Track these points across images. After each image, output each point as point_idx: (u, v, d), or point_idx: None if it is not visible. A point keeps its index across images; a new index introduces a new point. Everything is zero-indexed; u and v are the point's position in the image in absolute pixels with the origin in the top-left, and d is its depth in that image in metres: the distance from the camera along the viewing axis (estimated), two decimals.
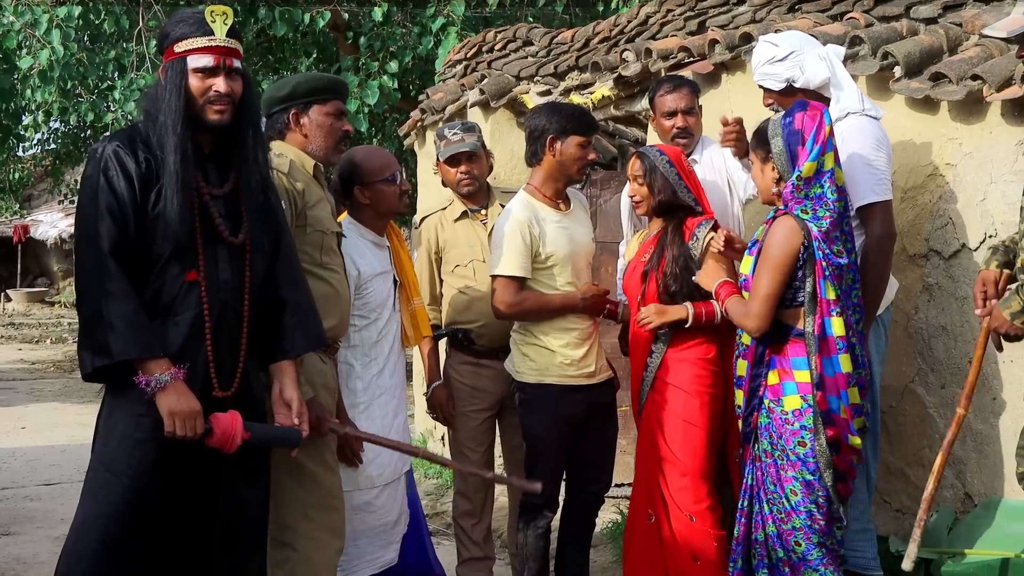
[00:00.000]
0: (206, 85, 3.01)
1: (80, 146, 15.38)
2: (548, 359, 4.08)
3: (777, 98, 3.86)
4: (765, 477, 3.47)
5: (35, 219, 23.47)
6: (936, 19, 4.26)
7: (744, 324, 3.49)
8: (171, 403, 2.90)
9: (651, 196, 3.94)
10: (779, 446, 3.42)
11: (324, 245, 3.54)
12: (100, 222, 2.89)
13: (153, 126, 2.99)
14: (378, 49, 9.36)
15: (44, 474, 7.18)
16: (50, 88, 8.52)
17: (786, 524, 3.42)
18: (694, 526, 3.85)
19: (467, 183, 4.50)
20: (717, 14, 5.31)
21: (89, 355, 2.92)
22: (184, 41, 3.00)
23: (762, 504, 3.49)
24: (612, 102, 5.63)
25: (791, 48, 3.82)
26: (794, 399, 3.40)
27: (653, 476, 3.96)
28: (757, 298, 3.42)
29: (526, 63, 6.40)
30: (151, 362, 2.90)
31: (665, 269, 3.90)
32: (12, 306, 21.79)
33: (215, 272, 3.02)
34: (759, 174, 3.55)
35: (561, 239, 4.08)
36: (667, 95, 4.29)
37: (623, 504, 5.36)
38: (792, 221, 3.37)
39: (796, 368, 3.41)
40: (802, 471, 3.38)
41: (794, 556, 3.41)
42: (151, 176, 2.95)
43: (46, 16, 8.13)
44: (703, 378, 3.92)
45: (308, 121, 3.62)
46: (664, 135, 4.33)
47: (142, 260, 2.94)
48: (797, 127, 3.40)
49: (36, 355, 15.06)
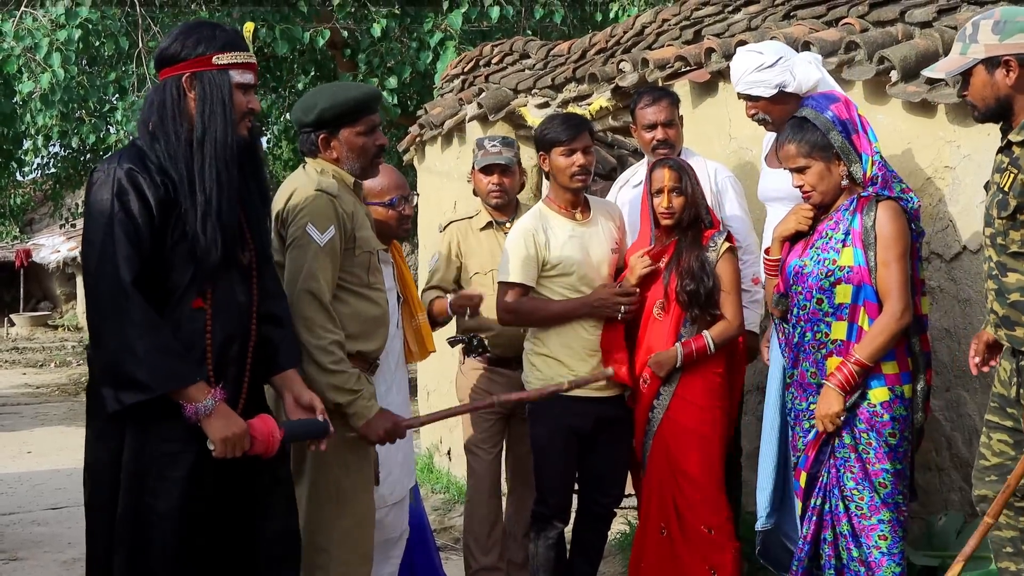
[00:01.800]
0: (246, 101, 2.89)
1: (80, 169, 15.40)
2: (555, 370, 4.08)
3: (765, 106, 3.87)
4: (844, 474, 3.43)
5: (37, 243, 23.51)
6: (931, 23, 4.26)
7: (901, 322, 3.36)
8: (221, 429, 2.78)
9: (690, 208, 3.97)
10: (864, 440, 3.39)
11: (371, 265, 3.46)
12: (118, 251, 2.71)
13: (166, 143, 2.81)
14: (377, 65, 9.39)
15: (50, 498, 7.24)
16: (52, 112, 8.54)
17: (869, 520, 3.39)
18: (711, 538, 3.87)
19: (497, 195, 4.63)
20: (712, 23, 5.33)
21: (113, 392, 2.73)
22: (228, 53, 2.85)
23: (836, 502, 3.45)
24: (610, 113, 5.64)
25: (778, 54, 3.85)
26: (881, 391, 3.38)
27: (667, 490, 3.96)
28: (898, 289, 3.35)
29: (523, 76, 6.41)
30: (191, 389, 2.76)
31: (682, 269, 3.93)
32: (16, 330, 21.81)
33: (233, 295, 2.92)
34: (822, 176, 3.47)
35: (571, 248, 4.09)
36: (647, 108, 4.32)
37: (632, 515, 5.35)
38: (896, 205, 3.37)
39: (884, 359, 3.38)
40: (894, 462, 3.37)
41: (875, 552, 3.38)
42: (170, 200, 2.77)
43: (46, 40, 8.17)
44: (714, 392, 3.96)
45: (339, 144, 3.45)
46: (645, 147, 4.38)
47: (159, 289, 2.78)
48: (843, 117, 3.41)
49: (40, 379, 15.06)
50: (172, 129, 2.82)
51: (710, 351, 3.92)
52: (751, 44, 4.12)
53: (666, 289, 3.98)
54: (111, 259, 2.72)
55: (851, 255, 3.41)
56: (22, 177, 16.77)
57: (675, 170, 3.98)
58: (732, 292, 3.98)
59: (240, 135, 2.90)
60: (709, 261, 3.95)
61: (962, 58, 3.14)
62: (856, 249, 3.40)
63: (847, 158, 3.43)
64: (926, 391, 3.54)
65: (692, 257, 3.94)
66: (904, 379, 3.42)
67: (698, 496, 3.90)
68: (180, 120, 2.83)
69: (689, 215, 3.98)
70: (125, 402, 2.72)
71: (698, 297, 3.92)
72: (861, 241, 3.39)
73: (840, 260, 3.42)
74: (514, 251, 4.10)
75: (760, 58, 3.84)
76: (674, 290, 3.95)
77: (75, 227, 19.92)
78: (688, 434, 3.93)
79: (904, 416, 3.41)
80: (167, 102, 2.84)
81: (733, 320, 3.98)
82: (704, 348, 3.92)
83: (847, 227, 3.43)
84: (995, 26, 3.06)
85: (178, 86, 2.85)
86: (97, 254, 2.75)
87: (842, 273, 3.41)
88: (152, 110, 2.87)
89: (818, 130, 3.45)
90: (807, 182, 3.49)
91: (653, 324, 4.03)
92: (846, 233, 3.43)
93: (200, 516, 2.86)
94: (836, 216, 3.48)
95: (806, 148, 3.47)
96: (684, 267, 3.94)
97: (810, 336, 3.50)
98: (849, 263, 3.41)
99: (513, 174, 4.69)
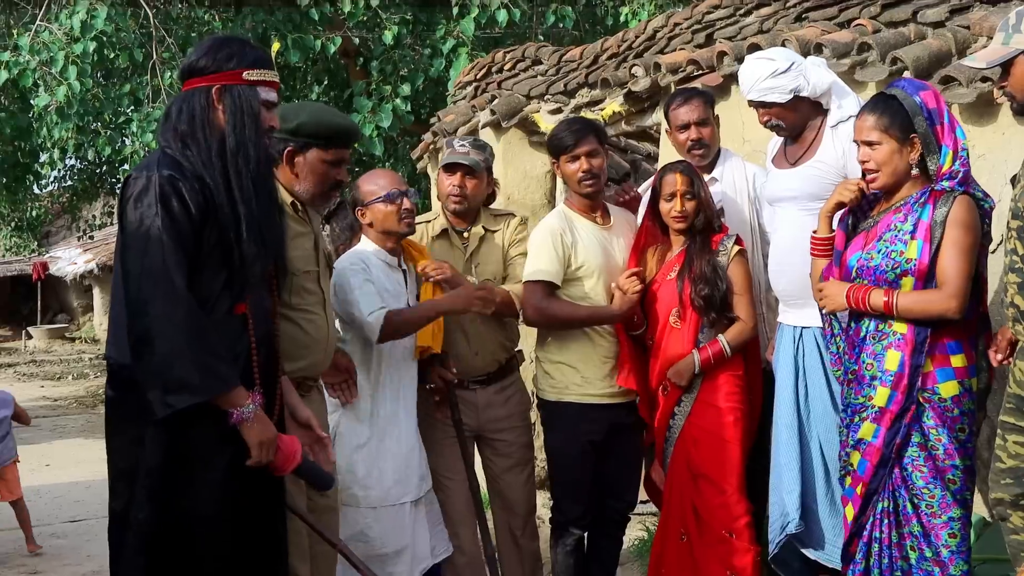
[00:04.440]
0: (269, 118, 2.94)
1: (96, 182, 15.49)
2: (568, 377, 4.09)
3: (780, 112, 3.85)
4: (913, 472, 3.36)
5: (54, 256, 23.61)
6: (943, 22, 4.26)
7: (946, 306, 3.26)
8: (258, 433, 2.82)
9: (703, 211, 3.96)
10: (934, 436, 3.32)
11: (293, 286, 3.38)
12: (169, 257, 2.71)
13: (198, 150, 2.83)
14: (389, 72, 9.41)
15: (70, 511, 7.24)
16: (68, 124, 8.59)
17: (939, 518, 3.33)
18: (732, 542, 3.86)
19: (456, 199, 4.22)
20: (724, 26, 5.33)
21: (161, 396, 2.72)
22: (257, 71, 2.90)
23: (904, 503, 3.38)
24: (623, 117, 5.64)
25: (790, 60, 3.85)
26: (951, 386, 3.31)
27: (686, 495, 3.96)
28: (959, 277, 3.25)
29: (536, 82, 6.43)
30: (235, 394, 2.79)
31: (695, 275, 3.93)
32: (33, 343, 21.91)
33: (261, 302, 2.96)
34: (891, 156, 3.34)
35: (595, 250, 4.10)
36: (679, 108, 4.27)
37: (649, 521, 5.34)
38: (972, 201, 3.30)
39: (952, 353, 3.33)
40: (963, 458, 3.31)
41: (945, 551, 3.32)
42: (208, 208, 2.79)
43: (62, 53, 8.22)
44: (735, 395, 3.96)
45: (302, 161, 3.45)
46: (680, 148, 4.32)
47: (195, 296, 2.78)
48: (931, 106, 3.30)
49: (59, 392, 15.11)
50: (202, 138, 2.84)
51: (727, 355, 3.92)
52: (759, 52, 4.12)
53: (680, 296, 3.98)
54: (161, 265, 2.71)
55: (916, 248, 3.32)
56: (39, 190, 16.87)
57: (687, 174, 3.97)
58: (744, 293, 3.98)
59: (264, 149, 2.94)
60: (720, 265, 3.95)
61: (1004, 48, 3.08)
62: (920, 241, 3.31)
63: (927, 147, 3.32)
64: (985, 389, 3.48)
65: (704, 262, 3.93)
66: (971, 372, 3.35)
67: (718, 500, 3.89)
68: (209, 130, 2.86)
69: (700, 220, 3.97)
70: (175, 406, 2.72)
71: (713, 301, 3.91)
72: (928, 234, 3.30)
73: (907, 252, 3.33)
74: (542, 249, 4.08)
75: (773, 64, 3.83)
76: (688, 297, 3.95)
77: (92, 239, 20.03)
78: (708, 437, 3.93)
79: (972, 411, 3.34)
80: (196, 111, 2.87)
81: (748, 321, 3.98)
82: (720, 352, 3.92)
83: (916, 219, 3.33)
84: None
85: (207, 97, 2.88)
86: (143, 260, 2.74)
87: (909, 265, 3.32)
88: (181, 118, 2.88)
89: (903, 109, 3.33)
90: (874, 159, 3.36)
91: (671, 333, 4.02)
92: (915, 225, 3.33)
93: (230, 521, 2.88)
94: (905, 208, 3.37)
95: (884, 122, 3.33)
96: (697, 273, 3.93)
97: (873, 327, 3.41)
98: (914, 256, 3.32)
99: (479, 179, 4.25)
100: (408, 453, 3.98)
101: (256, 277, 2.89)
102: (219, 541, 2.86)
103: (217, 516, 2.85)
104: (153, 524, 2.82)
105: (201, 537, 2.84)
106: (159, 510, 2.82)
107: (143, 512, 2.83)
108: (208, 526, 2.84)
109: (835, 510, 3.77)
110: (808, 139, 3.90)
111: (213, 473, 2.84)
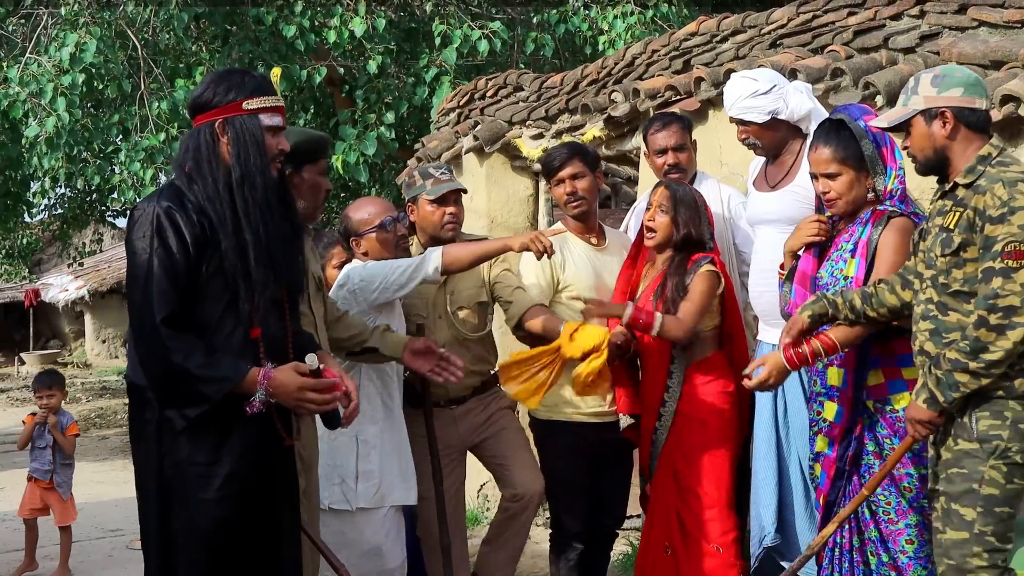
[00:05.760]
0: (276, 143, 3.00)
1: (86, 210, 15.55)
2: (558, 397, 4.16)
3: (757, 131, 3.95)
4: (869, 481, 3.42)
5: (45, 283, 23.61)
6: (914, 48, 4.36)
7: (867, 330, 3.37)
8: (287, 392, 2.91)
9: (673, 228, 3.97)
10: (888, 446, 3.40)
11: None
12: (155, 286, 2.84)
13: (204, 185, 2.93)
14: (374, 101, 9.53)
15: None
16: (57, 154, 8.66)
17: (896, 524, 3.42)
18: (718, 557, 3.88)
19: (451, 227, 4.20)
20: (701, 52, 5.42)
21: (177, 411, 2.88)
22: (257, 99, 2.97)
23: (863, 509, 3.46)
24: (603, 142, 5.73)
25: (772, 82, 3.93)
26: (905, 397, 3.38)
27: (671, 508, 3.99)
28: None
29: (518, 108, 6.51)
30: (242, 384, 2.88)
31: (667, 297, 3.95)
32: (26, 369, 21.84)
33: (268, 328, 3.02)
34: (851, 186, 3.46)
35: (586, 270, 4.19)
36: (657, 133, 4.36)
37: (633, 536, 5.39)
38: (907, 222, 3.40)
39: (903, 365, 3.40)
40: (918, 467, 3.38)
41: (903, 557, 3.41)
42: (206, 239, 2.89)
43: (51, 85, 8.30)
44: (723, 411, 3.98)
45: (301, 182, 3.52)
46: (657, 172, 4.40)
47: (194, 321, 2.90)
48: (874, 129, 3.41)
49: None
50: (208, 172, 2.94)
51: (654, 328, 3.83)
52: (746, 71, 4.20)
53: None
54: (148, 294, 2.85)
55: (854, 266, 3.45)
56: (30, 218, 16.91)
57: (668, 190, 4.01)
58: (692, 301, 3.90)
59: (271, 175, 3.01)
60: (687, 285, 3.93)
61: (903, 109, 3.19)
62: (858, 259, 3.44)
63: (874, 168, 3.46)
64: None
65: (673, 284, 3.94)
66: None
67: (706, 514, 3.92)
68: (215, 163, 2.96)
69: (676, 239, 3.99)
70: (191, 417, 2.87)
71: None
72: (864, 251, 3.43)
73: (847, 270, 3.47)
74: (528, 268, 4.19)
75: (755, 84, 3.92)
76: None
77: (82, 266, 20.05)
78: (695, 451, 3.95)
79: None
80: (201, 147, 2.97)
81: (684, 318, 3.87)
82: (651, 322, 3.83)
83: (857, 238, 3.48)
84: (934, 79, 3.13)
85: (211, 131, 2.97)
86: (139, 289, 2.88)
87: (847, 282, 3.46)
88: (188, 154, 2.99)
89: (852, 137, 3.46)
90: (835, 189, 3.48)
91: (649, 351, 4.09)
92: (855, 244, 3.48)
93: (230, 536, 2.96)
94: (852, 228, 3.51)
95: (840, 154, 3.46)
96: (668, 295, 3.95)
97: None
98: (852, 273, 3.45)
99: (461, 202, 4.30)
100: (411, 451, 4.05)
101: (268, 302, 2.97)
102: (221, 556, 2.93)
103: (215, 532, 2.92)
104: (162, 537, 2.95)
105: (202, 552, 2.92)
106: (164, 524, 2.95)
107: (153, 525, 2.96)
108: (208, 540, 2.92)
109: (813, 523, 3.83)
110: (787, 163, 3.98)
111: (207, 492, 2.92)
